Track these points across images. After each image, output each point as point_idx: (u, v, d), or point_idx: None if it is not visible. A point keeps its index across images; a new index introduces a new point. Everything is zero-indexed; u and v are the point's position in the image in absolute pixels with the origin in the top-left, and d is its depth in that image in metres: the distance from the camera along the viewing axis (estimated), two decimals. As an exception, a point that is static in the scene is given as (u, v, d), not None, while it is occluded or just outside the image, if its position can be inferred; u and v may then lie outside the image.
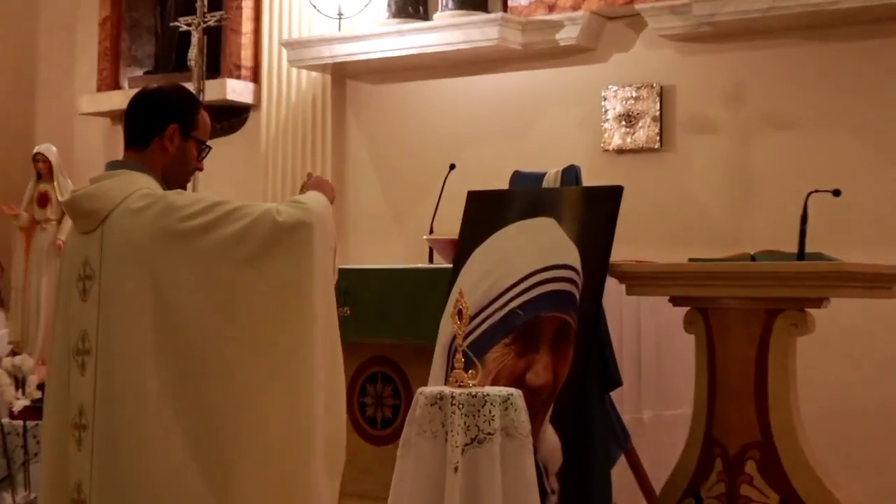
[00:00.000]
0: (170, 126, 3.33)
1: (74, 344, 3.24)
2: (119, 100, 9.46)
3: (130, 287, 3.16)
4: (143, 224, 3.19)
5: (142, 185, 3.28)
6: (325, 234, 3.34)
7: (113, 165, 3.37)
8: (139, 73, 9.69)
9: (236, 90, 8.92)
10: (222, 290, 3.17)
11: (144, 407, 3.12)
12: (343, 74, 8.59)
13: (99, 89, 9.74)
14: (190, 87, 8.28)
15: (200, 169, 3.45)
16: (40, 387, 6.43)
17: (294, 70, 8.68)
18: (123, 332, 3.15)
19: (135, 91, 3.54)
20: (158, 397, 3.12)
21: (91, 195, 3.28)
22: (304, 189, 3.51)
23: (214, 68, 8.93)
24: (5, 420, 6.28)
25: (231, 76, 8.94)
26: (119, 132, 10.51)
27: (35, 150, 9.49)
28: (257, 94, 8.98)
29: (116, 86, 9.66)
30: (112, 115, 9.75)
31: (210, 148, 3.44)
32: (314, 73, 8.61)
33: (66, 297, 3.32)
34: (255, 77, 9.01)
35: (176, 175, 3.38)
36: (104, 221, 3.23)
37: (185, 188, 3.45)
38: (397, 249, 8.21)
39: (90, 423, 3.17)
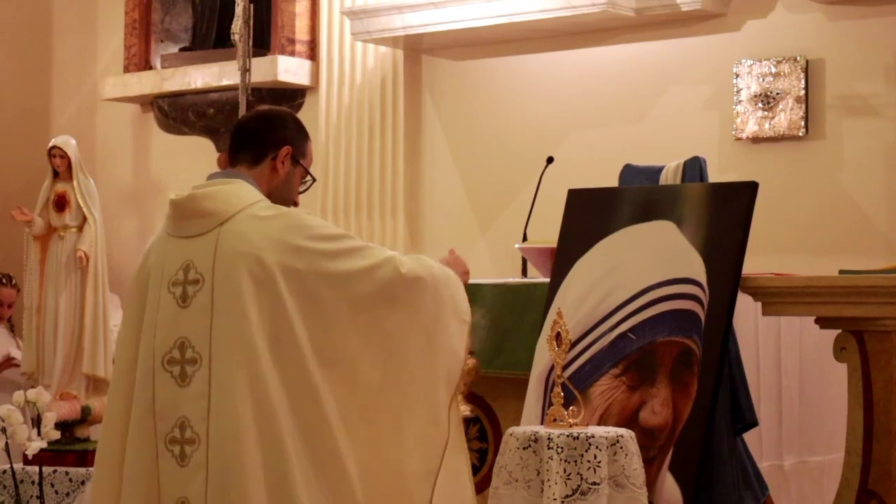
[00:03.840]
0: (284, 147, 3.85)
1: (166, 353, 3.66)
2: (150, 82, 9.61)
3: (249, 293, 3.59)
4: (270, 232, 3.64)
5: (261, 197, 3.75)
6: (447, 298, 3.80)
7: (223, 175, 3.82)
8: (174, 49, 9.83)
9: (290, 69, 9.02)
10: (326, 329, 3.61)
11: (264, 418, 3.55)
12: (418, 49, 8.66)
13: (126, 70, 9.87)
14: (233, 65, 8.40)
15: (296, 203, 3.88)
16: (59, 426, 6.53)
17: (359, 44, 8.77)
18: (240, 339, 3.58)
19: (168, 71, 4.09)
20: (279, 410, 3.56)
21: (213, 196, 3.71)
22: None
23: (263, 43, 9.05)
24: (17, 466, 6.37)
25: (283, 52, 9.04)
26: (151, 120, 10.60)
27: (51, 144, 9.53)
28: (315, 73, 9.08)
29: (147, 65, 9.79)
30: (142, 101, 9.89)
31: (315, 180, 3.97)
32: (383, 48, 8.69)
33: (151, 304, 3.73)
34: (313, 53, 9.11)
35: (278, 200, 3.81)
36: (222, 225, 3.66)
37: None
38: (483, 260, 8.24)
39: (200, 437, 3.58)
